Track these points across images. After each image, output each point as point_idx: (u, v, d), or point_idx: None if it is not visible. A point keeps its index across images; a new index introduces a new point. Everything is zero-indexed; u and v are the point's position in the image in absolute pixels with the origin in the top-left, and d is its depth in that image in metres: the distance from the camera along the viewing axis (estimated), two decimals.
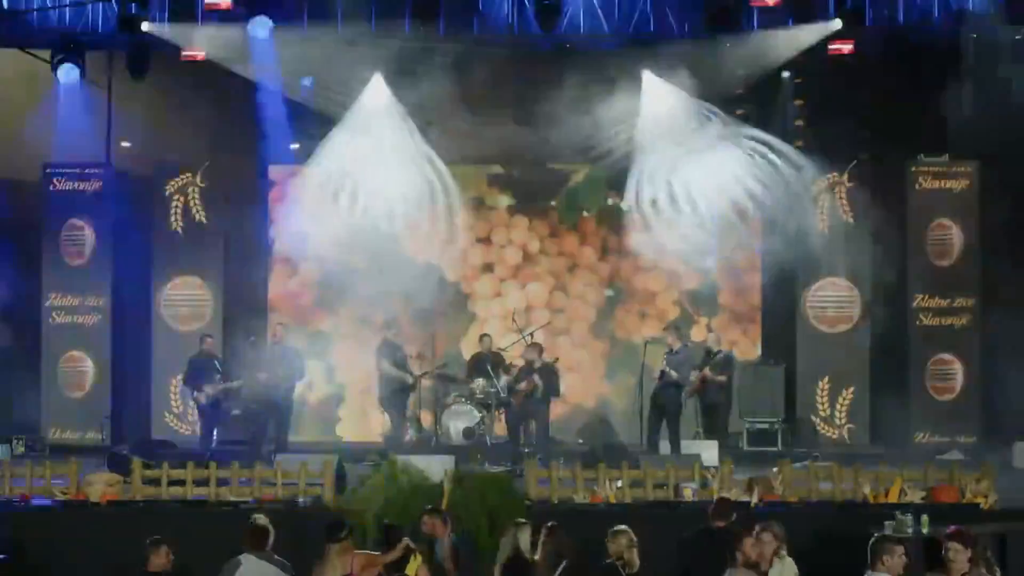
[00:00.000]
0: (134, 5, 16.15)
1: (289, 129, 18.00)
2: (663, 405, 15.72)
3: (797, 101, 17.90)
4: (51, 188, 18.00)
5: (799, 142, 17.59)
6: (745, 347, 18.25)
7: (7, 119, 17.26)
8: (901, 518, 11.03)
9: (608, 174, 18.13)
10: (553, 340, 18.04)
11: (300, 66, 16.59)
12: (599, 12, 16.42)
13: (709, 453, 14.36)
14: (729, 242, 17.93)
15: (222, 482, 12.41)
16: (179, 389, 17.69)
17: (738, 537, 9.00)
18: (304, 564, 9.52)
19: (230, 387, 15.99)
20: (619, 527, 9.41)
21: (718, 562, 9.06)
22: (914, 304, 17.61)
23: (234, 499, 12.22)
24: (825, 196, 17.79)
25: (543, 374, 15.90)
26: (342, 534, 9.25)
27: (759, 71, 16.99)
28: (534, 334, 16.97)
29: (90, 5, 16.59)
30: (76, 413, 17.72)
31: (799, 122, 18.01)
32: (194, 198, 18.16)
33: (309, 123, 17.49)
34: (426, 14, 15.96)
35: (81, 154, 18.00)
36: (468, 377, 16.46)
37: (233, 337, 17.33)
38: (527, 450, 15.52)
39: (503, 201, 18.83)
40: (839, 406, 17.74)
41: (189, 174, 18.14)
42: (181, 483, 12.44)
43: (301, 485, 12.35)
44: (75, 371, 17.89)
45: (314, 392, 18.40)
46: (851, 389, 17.73)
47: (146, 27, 16.37)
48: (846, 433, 17.72)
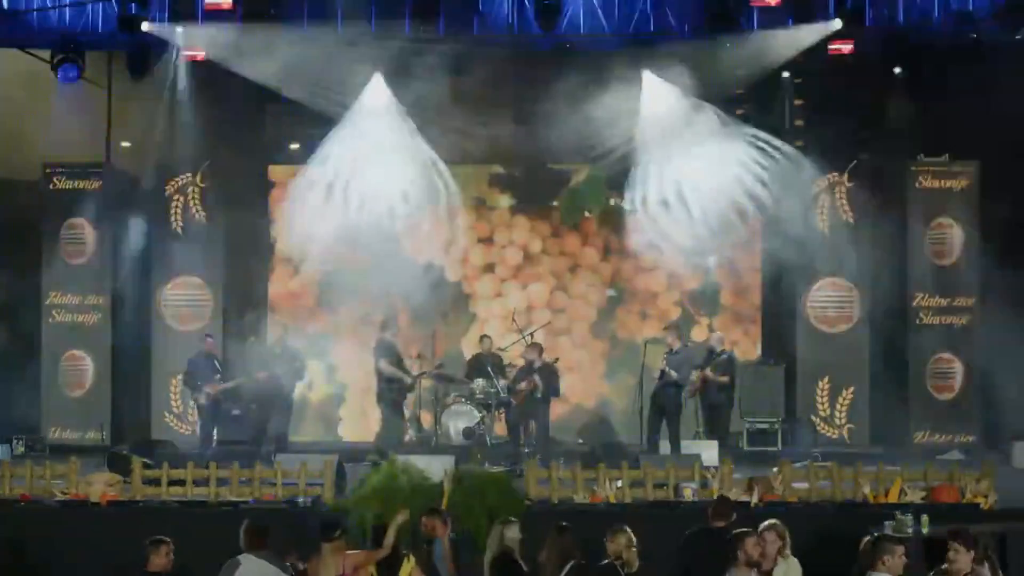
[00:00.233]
0: (134, 5, 16.14)
1: (289, 129, 17.99)
2: (663, 405, 15.74)
3: (797, 101, 17.91)
4: (51, 187, 18.01)
5: (799, 142, 17.60)
6: (746, 347, 18.27)
7: (7, 119, 17.25)
8: (901, 518, 11.02)
9: (609, 174, 18.14)
10: (554, 340, 18.07)
11: (300, 66, 16.56)
12: (599, 12, 16.41)
13: (709, 453, 14.37)
14: (729, 242, 17.93)
15: (222, 482, 12.42)
16: (179, 389, 17.70)
17: (740, 537, 8.99)
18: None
19: (230, 387, 16.02)
20: (618, 527, 9.43)
21: (718, 562, 9.05)
22: (914, 303, 17.62)
23: (234, 499, 12.23)
24: (825, 196, 17.78)
25: (543, 374, 15.91)
26: (336, 534, 9.27)
27: (759, 71, 16.97)
28: (534, 334, 16.99)
29: (90, 5, 16.58)
30: (76, 412, 17.72)
31: (799, 122, 18.03)
32: (194, 198, 18.16)
33: (309, 123, 17.49)
34: (426, 14, 15.94)
35: (81, 154, 18.02)
36: (468, 377, 16.46)
37: (233, 337, 17.35)
38: (527, 450, 15.54)
39: (504, 201, 18.84)
40: (839, 406, 17.73)
41: (189, 174, 18.15)
42: (181, 483, 12.45)
43: (301, 485, 12.36)
44: (75, 370, 17.88)
45: (315, 392, 18.41)
46: (851, 389, 17.72)
47: (146, 27, 16.35)
48: (846, 433, 17.71)
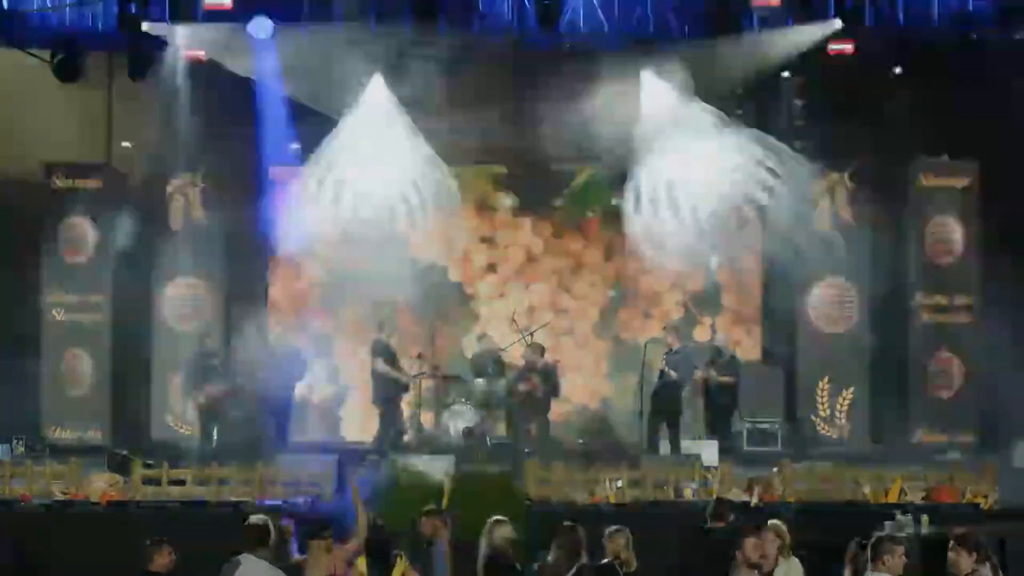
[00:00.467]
0: (134, 5, 16.14)
1: (289, 129, 18.00)
2: (663, 405, 15.73)
3: (797, 101, 17.89)
4: (51, 187, 18.00)
5: (799, 142, 17.59)
6: (748, 347, 18.23)
7: (7, 119, 17.25)
8: (901, 518, 11.04)
9: (610, 175, 18.13)
10: (557, 340, 18.05)
11: (300, 66, 16.56)
12: (599, 12, 16.41)
13: (709, 453, 14.37)
14: (730, 242, 17.92)
15: (222, 482, 12.42)
16: (179, 389, 17.68)
17: (740, 537, 8.99)
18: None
19: (230, 387, 16.01)
20: (616, 527, 9.48)
21: (717, 563, 9.05)
22: (913, 303, 17.61)
23: (234, 499, 12.23)
24: (825, 196, 17.77)
25: (544, 375, 15.90)
26: (326, 533, 9.30)
27: (759, 71, 16.97)
28: (534, 334, 16.96)
29: (90, 5, 16.57)
30: (76, 412, 17.70)
31: (799, 122, 18.01)
32: (194, 198, 18.16)
33: (309, 123, 17.48)
34: (426, 14, 15.94)
35: (81, 154, 18.01)
36: (468, 377, 16.46)
37: (233, 337, 17.33)
38: (527, 450, 15.53)
39: (507, 202, 18.82)
40: (839, 406, 17.71)
41: (189, 174, 18.14)
42: (181, 483, 12.45)
43: (301, 485, 12.36)
44: (75, 368, 17.88)
45: (317, 392, 18.39)
46: (851, 389, 17.69)
47: (146, 27, 16.36)
48: (846, 433, 17.70)
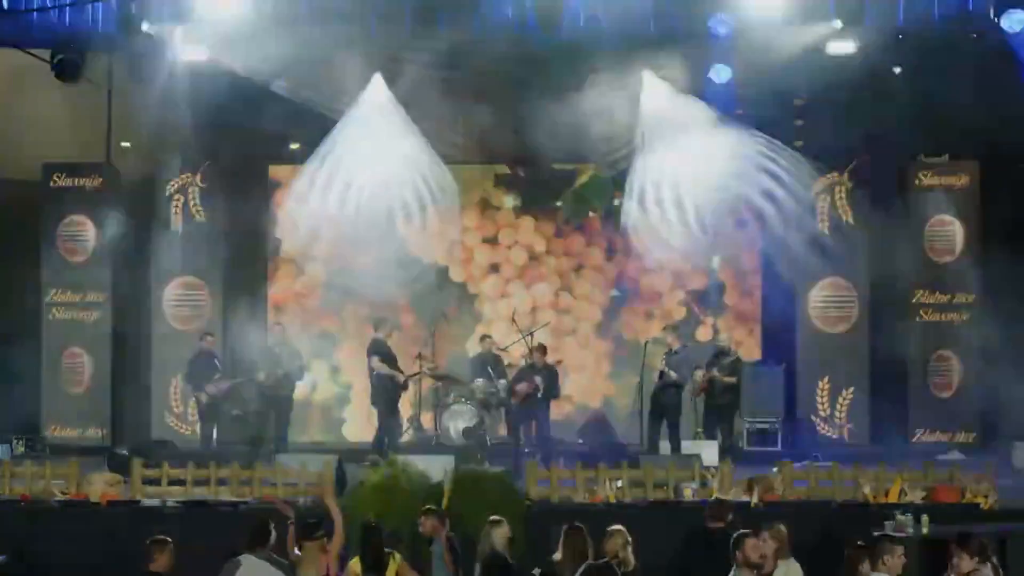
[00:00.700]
0: (134, 5, 16.13)
1: (289, 129, 17.98)
2: (663, 405, 15.73)
3: (797, 101, 17.89)
4: (51, 186, 18.02)
5: (799, 142, 17.59)
6: (750, 347, 18.24)
7: (7, 119, 17.25)
8: (901, 518, 11.04)
9: (612, 174, 18.13)
10: (559, 340, 18.06)
11: (300, 66, 16.55)
12: (599, 12, 16.38)
13: (709, 453, 14.38)
14: (730, 242, 17.92)
15: (222, 482, 12.42)
16: (179, 389, 17.70)
17: (740, 538, 9.00)
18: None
19: (230, 387, 16.02)
20: (614, 527, 9.49)
21: (716, 563, 9.07)
22: (913, 302, 17.62)
23: (234, 499, 12.23)
24: (825, 196, 17.78)
25: (544, 375, 15.90)
26: (318, 533, 9.31)
27: (759, 71, 16.95)
28: (535, 334, 16.95)
29: (90, 5, 16.56)
30: (76, 411, 17.74)
31: (799, 122, 18.00)
32: (194, 198, 18.17)
33: (309, 123, 17.48)
34: (426, 14, 15.93)
35: (81, 154, 18.01)
36: (468, 377, 16.46)
37: (233, 337, 17.34)
38: (527, 450, 15.53)
39: (509, 201, 18.82)
40: (839, 406, 17.73)
41: (189, 174, 18.16)
42: (181, 483, 12.45)
43: (301, 485, 12.36)
44: (75, 367, 17.89)
45: (318, 393, 18.39)
46: (851, 389, 17.72)
47: (146, 27, 16.34)
48: (846, 433, 17.71)
